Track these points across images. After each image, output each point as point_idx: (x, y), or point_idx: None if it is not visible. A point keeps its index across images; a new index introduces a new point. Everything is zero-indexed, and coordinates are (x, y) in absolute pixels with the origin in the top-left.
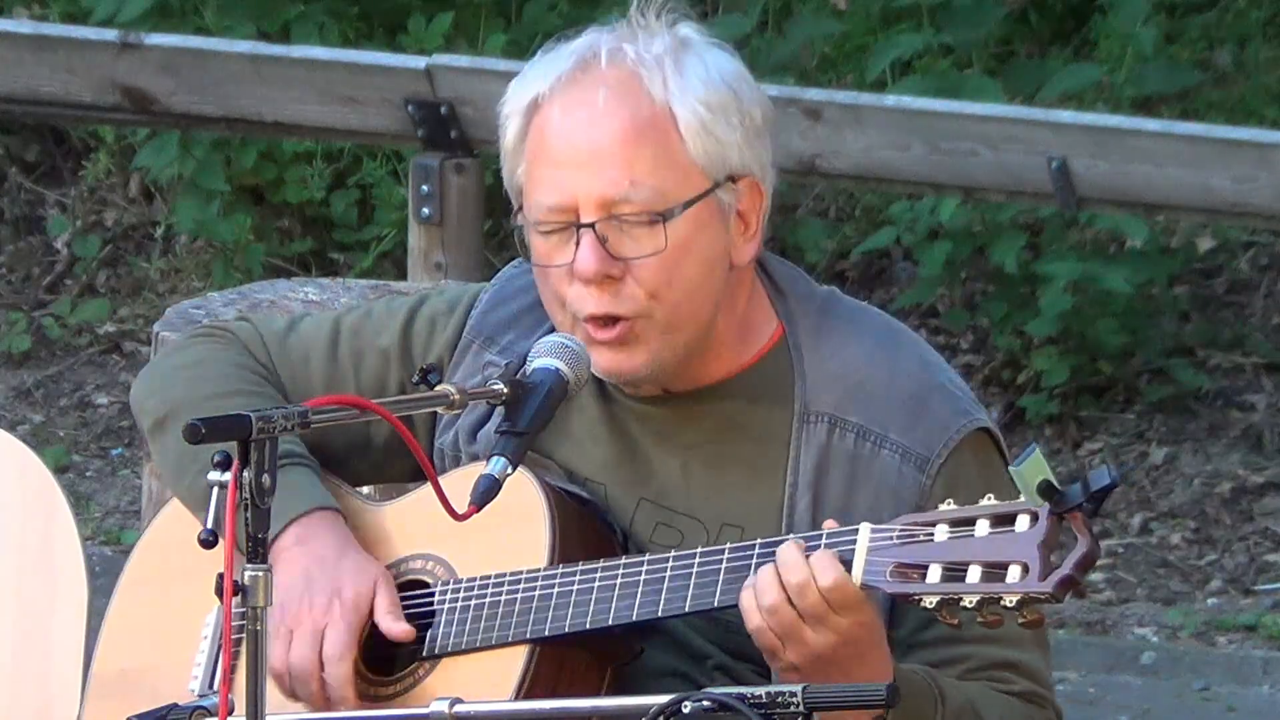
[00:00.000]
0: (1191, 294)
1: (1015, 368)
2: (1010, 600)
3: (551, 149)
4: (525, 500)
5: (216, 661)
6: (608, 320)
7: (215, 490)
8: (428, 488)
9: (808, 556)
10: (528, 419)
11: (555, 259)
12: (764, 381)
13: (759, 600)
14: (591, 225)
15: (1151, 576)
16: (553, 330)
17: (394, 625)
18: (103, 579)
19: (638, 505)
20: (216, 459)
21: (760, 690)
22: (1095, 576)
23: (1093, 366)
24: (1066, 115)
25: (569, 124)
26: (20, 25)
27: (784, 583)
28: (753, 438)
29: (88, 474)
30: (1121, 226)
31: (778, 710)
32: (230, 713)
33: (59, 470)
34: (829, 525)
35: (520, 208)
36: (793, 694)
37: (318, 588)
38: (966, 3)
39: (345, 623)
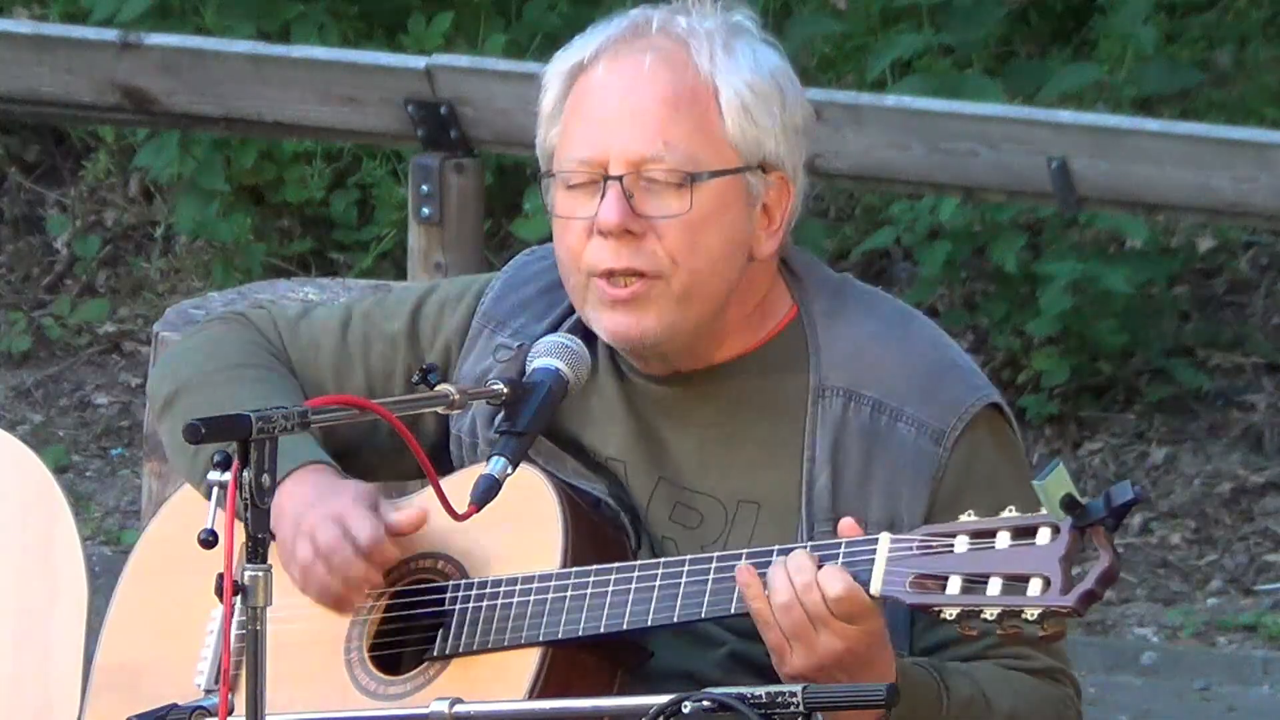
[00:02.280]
0: (1191, 294)
1: (1015, 368)
2: (1031, 613)
3: (591, 104)
4: (538, 500)
5: None
6: (625, 275)
7: (215, 490)
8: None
9: (819, 567)
10: (527, 419)
11: (578, 211)
12: (777, 359)
13: (771, 599)
14: (619, 179)
15: (1151, 576)
16: (565, 316)
17: (400, 515)
18: (103, 579)
19: (656, 484)
20: (216, 459)
21: (760, 690)
22: None
23: (1093, 366)
24: (1066, 115)
25: (612, 82)
26: (20, 25)
27: (793, 584)
28: (768, 415)
29: (88, 474)
30: (1121, 226)
31: (778, 710)
32: (230, 713)
33: (59, 470)
34: (845, 528)
35: (549, 170)
36: (793, 694)
37: (319, 508)
38: (966, 3)
39: (362, 507)
